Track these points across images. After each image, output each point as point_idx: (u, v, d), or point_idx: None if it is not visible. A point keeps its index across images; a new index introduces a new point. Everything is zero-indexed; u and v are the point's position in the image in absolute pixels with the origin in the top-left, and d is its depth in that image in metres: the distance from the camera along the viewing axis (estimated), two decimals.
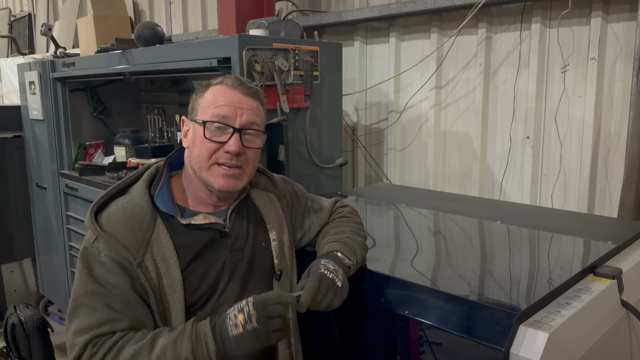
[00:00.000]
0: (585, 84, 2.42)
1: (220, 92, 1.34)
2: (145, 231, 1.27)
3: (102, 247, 1.25)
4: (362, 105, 3.31)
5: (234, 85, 1.35)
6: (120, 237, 1.25)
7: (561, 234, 1.77)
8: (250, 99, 1.36)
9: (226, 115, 1.31)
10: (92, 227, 1.27)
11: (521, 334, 1.14)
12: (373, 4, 3.07)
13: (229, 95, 1.34)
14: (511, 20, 2.62)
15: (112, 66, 2.80)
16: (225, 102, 1.33)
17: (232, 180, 1.33)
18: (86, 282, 1.24)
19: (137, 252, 1.25)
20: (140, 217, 1.29)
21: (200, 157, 1.32)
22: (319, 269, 1.29)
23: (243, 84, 1.37)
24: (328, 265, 1.31)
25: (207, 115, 1.32)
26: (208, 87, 1.37)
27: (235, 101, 1.33)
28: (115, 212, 1.30)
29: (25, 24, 6.35)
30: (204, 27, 4.35)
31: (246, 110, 1.34)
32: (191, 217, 1.35)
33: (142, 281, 1.24)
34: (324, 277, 1.27)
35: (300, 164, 2.43)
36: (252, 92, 1.37)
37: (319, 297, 1.24)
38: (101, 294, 1.23)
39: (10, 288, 3.81)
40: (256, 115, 1.36)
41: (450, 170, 2.97)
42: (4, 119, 3.66)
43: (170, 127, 3.35)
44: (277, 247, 1.45)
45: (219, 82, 1.37)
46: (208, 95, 1.35)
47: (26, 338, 2.70)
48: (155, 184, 1.37)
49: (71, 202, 3.24)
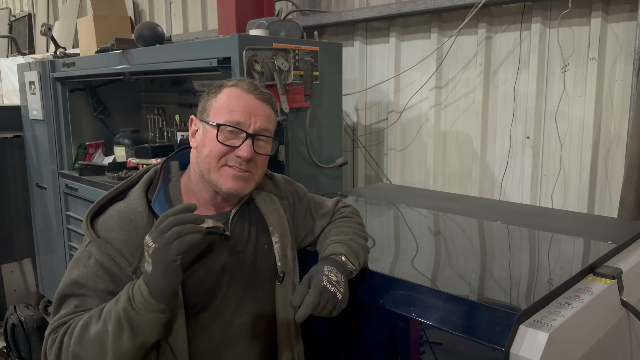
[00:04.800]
0: (585, 84, 2.42)
1: (235, 96, 1.32)
2: (141, 236, 1.25)
3: (93, 252, 1.25)
4: (362, 105, 3.31)
5: (249, 89, 1.34)
6: (116, 243, 1.25)
7: (561, 234, 1.77)
8: (264, 104, 1.35)
9: (240, 121, 1.30)
10: (87, 232, 1.27)
11: (521, 334, 1.14)
12: (373, 4, 3.07)
13: (243, 100, 1.32)
14: (511, 20, 2.62)
15: (112, 66, 2.80)
16: (239, 107, 1.31)
17: (241, 182, 1.32)
18: (65, 285, 1.26)
19: (132, 257, 1.24)
20: (137, 221, 1.28)
21: (210, 158, 1.30)
22: (321, 280, 1.27)
23: (258, 89, 1.35)
24: (331, 276, 1.29)
25: (221, 119, 1.30)
26: (221, 89, 1.35)
27: (250, 107, 1.32)
28: (112, 216, 1.30)
29: (25, 24, 6.35)
30: (204, 27, 4.35)
31: (260, 116, 1.33)
32: None
33: None
34: (325, 290, 1.26)
35: (300, 164, 2.43)
36: (266, 98, 1.36)
37: (317, 311, 1.24)
38: (79, 295, 1.24)
39: (10, 288, 3.81)
40: (269, 122, 1.35)
41: (450, 170, 2.97)
42: (4, 119, 3.66)
43: (170, 127, 3.34)
44: (280, 249, 1.44)
45: (234, 84, 1.35)
46: (222, 97, 1.33)
47: (26, 338, 2.71)
48: (152, 188, 1.36)
49: (71, 202, 3.24)
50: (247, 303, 1.37)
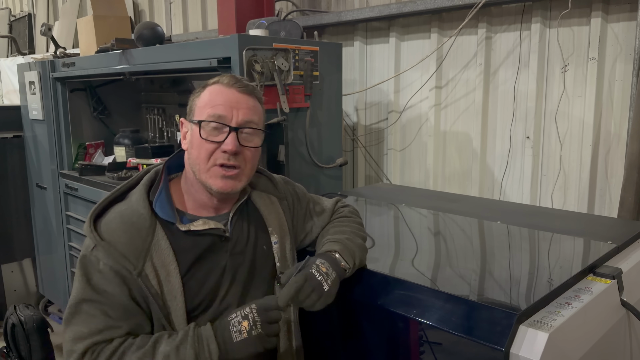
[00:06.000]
0: (585, 84, 2.42)
1: (216, 92, 1.33)
2: (144, 239, 1.26)
3: (100, 256, 1.24)
4: (362, 105, 3.31)
5: (229, 83, 1.33)
6: (120, 246, 1.24)
7: (561, 234, 1.77)
8: (247, 96, 1.34)
9: (222, 115, 1.30)
10: (91, 235, 1.26)
11: (521, 334, 1.14)
12: (373, 4, 3.07)
13: (224, 94, 1.32)
14: (511, 20, 2.62)
15: (112, 66, 2.80)
16: (220, 102, 1.31)
17: (230, 181, 1.31)
18: (84, 289, 1.24)
19: (136, 260, 1.24)
20: (139, 224, 1.27)
21: (200, 159, 1.30)
22: (310, 268, 1.28)
23: (239, 82, 1.35)
24: (321, 267, 1.29)
25: (203, 115, 1.30)
26: (205, 88, 1.35)
27: (232, 100, 1.31)
28: (114, 219, 1.29)
29: (25, 24, 6.35)
30: (204, 27, 4.35)
31: (242, 108, 1.32)
32: (190, 223, 1.34)
33: (143, 289, 1.23)
34: (312, 277, 1.26)
35: (300, 164, 2.43)
36: (249, 90, 1.35)
37: (301, 296, 1.24)
38: (99, 301, 1.22)
39: (10, 288, 3.81)
40: (253, 114, 1.34)
41: (450, 170, 2.97)
42: (4, 119, 3.66)
43: (170, 127, 3.35)
44: (279, 250, 1.44)
45: (215, 81, 1.35)
46: (204, 95, 1.34)
47: (26, 338, 2.70)
48: (154, 189, 1.35)
49: (71, 202, 3.23)
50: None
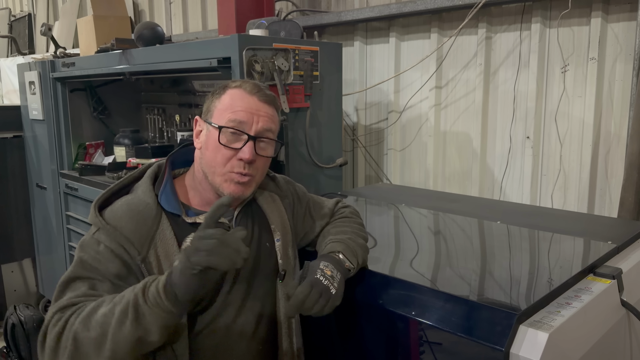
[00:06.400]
0: (585, 84, 2.42)
1: (238, 97, 1.33)
2: (150, 227, 1.27)
3: (102, 239, 1.24)
4: (362, 105, 3.31)
5: (252, 91, 1.34)
6: (125, 231, 1.25)
7: (561, 234, 1.77)
8: (268, 106, 1.35)
9: (242, 121, 1.30)
10: (96, 220, 1.26)
11: (521, 334, 1.14)
12: (373, 4, 3.07)
13: (246, 101, 1.32)
14: (511, 20, 2.62)
15: (112, 66, 2.80)
16: (242, 108, 1.31)
17: (241, 187, 1.33)
18: (75, 267, 1.24)
19: (141, 247, 1.24)
20: (146, 212, 1.29)
21: (215, 163, 1.31)
22: (315, 273, 1.28)
23: (262, 91, 1.35)
24: (326, 270, 1.29)
25: (223, 120, 1.31)
26: (225, 90, 1.35)
27: (253, 107, 1.32)
28: (120, 207, 1.30)
29: (25, 24, 6.35)
30: (204, 27, 4.35)
31: (262, 117, 1.33)
32: (196, 216, 1.35)
33: (145, 275, 1.23)
34: (318, 283, 1.25)
35: (300, 164, 2.43)
36: (270, 100, 1.36)
37: (309, 303, 1.22)
38: (89, 277, 1.21)
39: (10, 288, 3.81)
40: (272, 123, 1.35)
41: (450, 170, 2.97)
42: (4, 119, 3.66)
43: (170, 127, 3.34)
44: (281, 248, 1.45)
45: (237, 85, 1.35)
46: (225, 98, 1.34)
47: (26, 338, 2.71)
48: (158, 182, 1.37)
49: (71, 202, 3.24)
50: (249, 301, 1.38)
